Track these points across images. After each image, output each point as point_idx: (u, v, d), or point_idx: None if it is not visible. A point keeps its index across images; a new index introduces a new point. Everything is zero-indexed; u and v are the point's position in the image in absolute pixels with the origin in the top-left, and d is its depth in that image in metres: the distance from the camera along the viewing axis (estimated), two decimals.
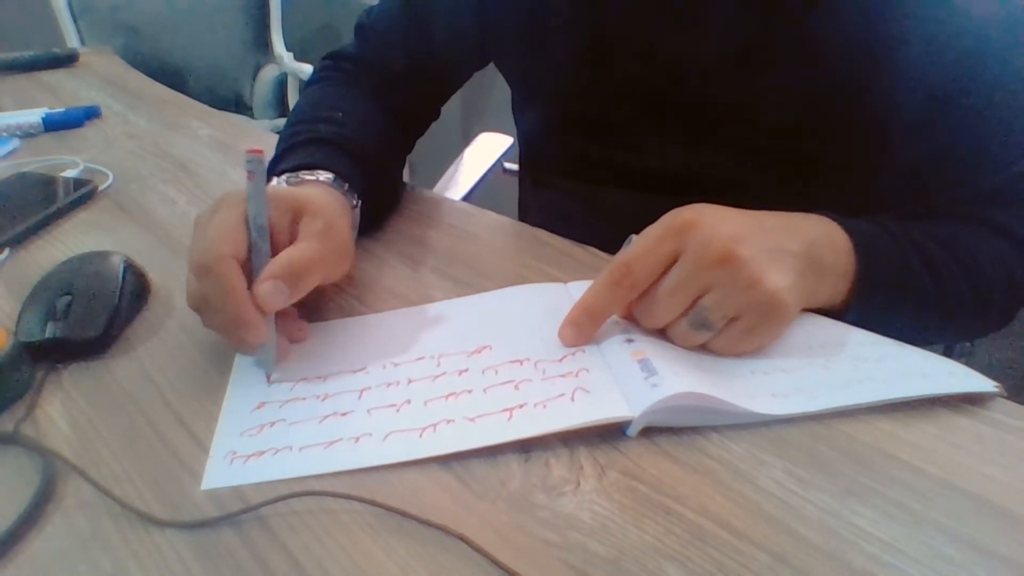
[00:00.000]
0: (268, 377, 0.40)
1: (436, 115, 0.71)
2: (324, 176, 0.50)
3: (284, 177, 0.50)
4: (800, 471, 0.34)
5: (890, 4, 0.47)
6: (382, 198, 0.58)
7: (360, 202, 0.52)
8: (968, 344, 0.87)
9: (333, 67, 0.68)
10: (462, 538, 0.30)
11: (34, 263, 0.53)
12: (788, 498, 0.32)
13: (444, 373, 0.40)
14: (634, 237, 0.40)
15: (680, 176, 0.58)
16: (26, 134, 0.80)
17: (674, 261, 0.38)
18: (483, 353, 0.41)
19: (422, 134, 0.69)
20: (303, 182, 0.49)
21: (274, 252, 0.40)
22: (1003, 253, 0.48)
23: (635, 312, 0.40)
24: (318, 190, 0.48)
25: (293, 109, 0.64)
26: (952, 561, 0.29)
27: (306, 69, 1.94)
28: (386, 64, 0.66)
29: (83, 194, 0.62)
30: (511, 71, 0.68)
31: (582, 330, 0.41)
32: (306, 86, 0.69)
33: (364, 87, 0.65)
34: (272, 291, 0.38)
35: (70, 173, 0.68)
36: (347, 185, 0.51)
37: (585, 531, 0.31)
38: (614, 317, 0.42)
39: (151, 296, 0.48)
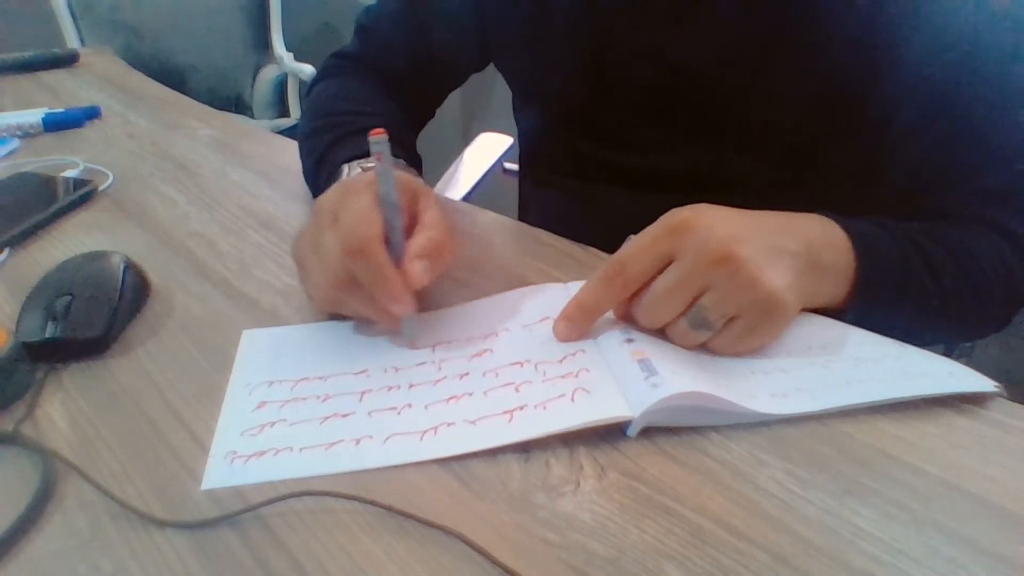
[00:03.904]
0: (414, 343, 0.43)
1: (431, 115, 0.72)
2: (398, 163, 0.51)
3: (357, 163, 0.51)
4: (800, 471, 0.34)
5: (891, 5, 0.47)
6: None
7: None
8: (968, 344, 0.87)
9: (339, 65, 0.69)
10: (462, 538, 0.30)
11: (34, 263, 0.53)
12: (788, 498, 0.32)
13: (445, 377, 0.40)
14: (633, 237, 0.40)
15: (680, 176, 0.58)
16: (26, 134, 0.80)
17: (669, 261, 0.38)
18: (483, 356, 0.41)
19: (418, 133, 0.70)
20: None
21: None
22: (1003, 253, 0.48)
23: (634, 312, 0.40)
24: (410, 175, 0.49)
25: (313, 101, 0.65)
26: (952, 561, 0.29)
27: (306, 69, 1.94)
28: (387, 66, 0.67)
29: (83, 194, 0.62)
30: (512, 72, 0.68)
31: (575, 325, 0.41)
32: (314, 83, 0.69)
33: (372, 84, 0.66)
34: (423, 269, 0.40)
35: (70, 173, 0.68)
36: (413, 171, 0.53)
37: (585, 531, 0.31)
38: (614, 317, 0.42)
39: (151, 296, 0.48)
